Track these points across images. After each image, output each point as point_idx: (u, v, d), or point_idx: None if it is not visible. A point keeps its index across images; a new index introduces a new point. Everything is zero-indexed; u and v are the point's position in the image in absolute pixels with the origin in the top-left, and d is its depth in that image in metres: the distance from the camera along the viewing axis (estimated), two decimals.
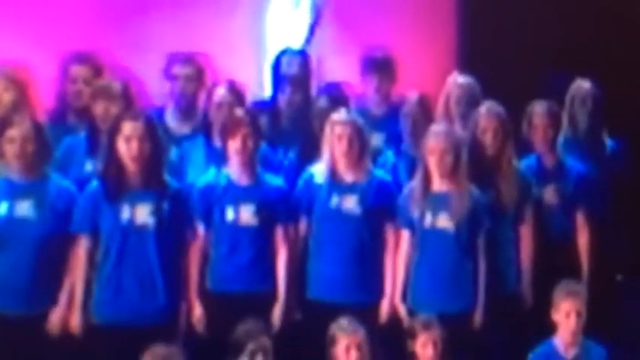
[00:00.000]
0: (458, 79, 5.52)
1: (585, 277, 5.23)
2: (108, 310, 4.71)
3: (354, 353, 4.60)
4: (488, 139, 5.13)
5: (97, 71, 5.32)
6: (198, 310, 4.83)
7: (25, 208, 4.70)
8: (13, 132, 4.65)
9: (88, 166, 5.04)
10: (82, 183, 4.91)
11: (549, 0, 6.45)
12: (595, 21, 6.43)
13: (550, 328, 4.83)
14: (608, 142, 5.58)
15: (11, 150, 4.66)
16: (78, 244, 4.75)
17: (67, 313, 4.70)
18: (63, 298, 4.71)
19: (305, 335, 4.88)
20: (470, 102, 5.36)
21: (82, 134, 5.14)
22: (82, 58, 5.33)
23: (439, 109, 5.45)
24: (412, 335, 4.74)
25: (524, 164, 5.33)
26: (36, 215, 4.71)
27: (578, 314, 4.76)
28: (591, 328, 4.84)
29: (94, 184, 4.82)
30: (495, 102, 5.22)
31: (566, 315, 4.76)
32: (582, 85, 5.51)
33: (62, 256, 4.75)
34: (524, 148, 5.35)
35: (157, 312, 4.72)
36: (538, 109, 5.34)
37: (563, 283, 4.85)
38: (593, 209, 5.33)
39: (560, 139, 5.38)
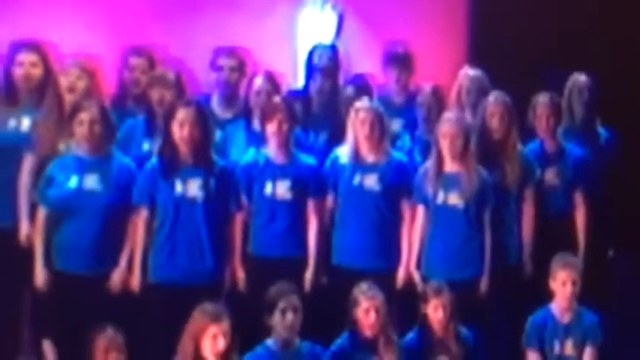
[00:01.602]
0: (469, 72, 5.72)
1: (581, 251, 5.41)
2: (162, 272, 4.98)
3: (372, 315, 4.81)
4: (495, 124, 5.34)
5: (152, 62, 5.55)
6: (240, 272, 5.09)
7: (92, 182, 4.95)
8: (83, 115, 4.92)
9: (146, 146, 5.28)
10: (140, 160, 5.14)
11: (551, 2, 6.49)
12: (592, 21, 6.46)
13: (548, 295, 5.07)
14: (601, 130, 5.75)
15: (81, 131, 4.93)
16: (137, 214, 5.00)
17: (127, 274, 4.98)
18: (123, 260, 4.98)
19: (330, 296, 5.09)
20: (479, 92, 5.57)
21: (141, 117, 5.37)
22: (139, 51, 5.58)
23: (452, 98, 5.66)
24: (425, 299, 4.97)
25: (528, 149, 5.50)
26: (101, 188, 4.97)
27: (573, 283, 5.00)
28: (585, 296, 5.07)
29: (152, 161, 5.06)
30: (502, 92, 5.41)
31: (563, 283, 5.01)
32: (579, 78, 5.70)
33: (123, 223, 5.01)
34: (528, 134, 5.53)
35: (204, 273, 4.97)
36: (541, 99, 5.53)
37: (560, 255, 5.09)
38: (589, 190, 5.52)
39: (560, 127, 5.55)
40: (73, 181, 4.95)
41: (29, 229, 5.01)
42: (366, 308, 4.80)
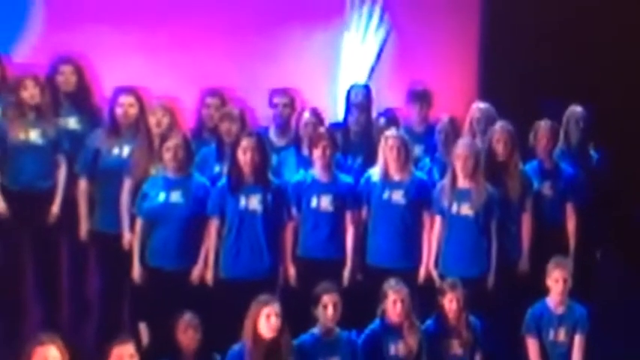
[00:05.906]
0: (479, 105, 6.28)
1: (571, 253, 5.87)
2: (230, 269, 5.58)
3: (399, 305, 5.27)
4: (500, 149, 5.87)
5: (223, 101, 6.18)
6: (292, 271, 5.68)
7: (176, 197, 5.57)
8: (169, 143, 5.58)
9: (217, 169, 5.89)
10: (213, 180, 5.75)
11: (550, 46, 7.09)
12: (587, 58, 7.09)
13: (544, 291, 5.51)
14: (593, 153, 6.30)
15: (168, 156, 5.58)
16: (210, 223, 5.61)
17: (203, 270, 5.58)
18: (200, 259, 5.59)
19: (364, 290, 5.63)
20: (488, 122, 6.11)
21: (213, 146, 5.98)
22: (213, 92, 6.24)
23: (465, 127, 6.20)
24: (441, 293, 5.43)
25: (528, 167, 5.99)
26: (183, 201, 5.58)
27: (565, 281, 5.45)
28: (576, 291, 5.52)
29: (222, 181, 5.66)
30: (507, 121, 5.98)
31: (556, 281, 5.46)
32: (576, 109, 6.23)
33: (201, 230, 5.61)
34: (529, 154, 6.08)
35: (263, 271, 5.59)
36: (543, 125, 6.07)
37: (555, 257, 5.54)
38: (579, 202, 6.02)
39: (557, 149, 6.13)
40: (161, 196, 5.60)
41: (130, 236, 5.70)
42: (394, 300, 5.29)
